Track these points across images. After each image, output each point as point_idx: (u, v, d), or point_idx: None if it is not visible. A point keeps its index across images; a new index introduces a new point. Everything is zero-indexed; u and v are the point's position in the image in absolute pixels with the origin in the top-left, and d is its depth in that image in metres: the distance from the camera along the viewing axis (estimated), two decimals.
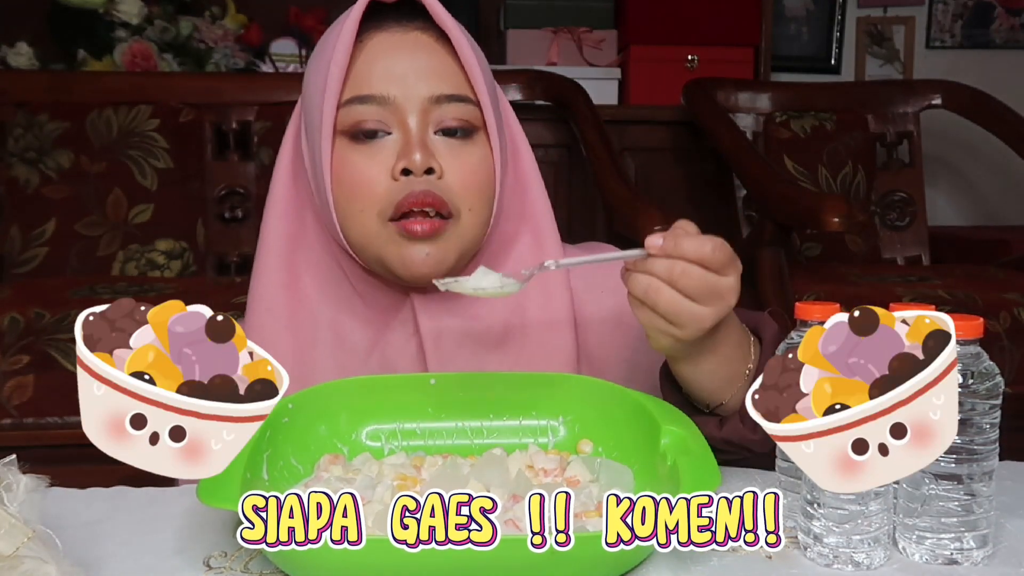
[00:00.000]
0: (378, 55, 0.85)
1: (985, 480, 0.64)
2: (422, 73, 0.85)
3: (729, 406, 0.82)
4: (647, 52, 2.78)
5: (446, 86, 0.85)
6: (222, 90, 2.51)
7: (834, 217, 1.87)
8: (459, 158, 0.86)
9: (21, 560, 0.55)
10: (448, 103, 0.85)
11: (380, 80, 0.85)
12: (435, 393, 0.82)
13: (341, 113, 0.85)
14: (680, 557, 0.66)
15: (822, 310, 0.69)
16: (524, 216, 0.94)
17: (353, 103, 0.85)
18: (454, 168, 0.85)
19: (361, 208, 0.85)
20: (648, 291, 0.73)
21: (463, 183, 0.85)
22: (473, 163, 0.86)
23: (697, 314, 0.73)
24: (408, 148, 0.84)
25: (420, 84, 0.85)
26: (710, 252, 0.72)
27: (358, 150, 0.85)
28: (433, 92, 0.85)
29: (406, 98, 0.85)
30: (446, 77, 0.86)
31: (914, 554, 0.65)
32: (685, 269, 0.72)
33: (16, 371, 1.77)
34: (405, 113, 0.85)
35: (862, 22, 3.28)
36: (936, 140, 3.08)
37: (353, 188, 0.85)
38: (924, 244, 2.70)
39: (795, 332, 0.71)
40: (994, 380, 0.63)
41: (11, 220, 2.28)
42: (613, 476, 0.74)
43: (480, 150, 0.87)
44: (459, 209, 0.85)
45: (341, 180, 0.85)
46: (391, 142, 0.85)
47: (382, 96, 0.85)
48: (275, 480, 0.74)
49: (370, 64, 0.85)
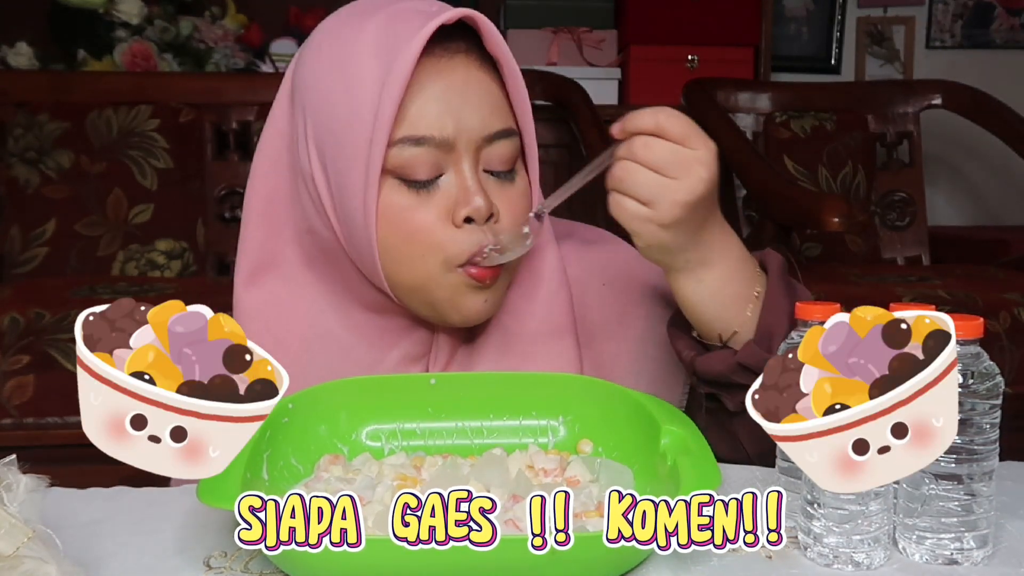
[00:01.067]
0: (427, 86, 0.78)
1: (985, 480, 0.64)
2: (475, 107, 0.80)
3: (741, 337, 0.79)
4: (647, 52, 2.78)
5: (497, 121, 0.81)
6: (222, 90, 2.51)
7: (834, 217, 1.88)
8: (508, 196, 0.83)
9: (21, 560, 0.55)
10: (498, 140, 0.81)
11: (436, 118, 0.79)
12: (435, 393, 0.82)
13: (391, 153, 0.78)
14: (680, 557, 0.66)
15: (822, 310, 0.69)
16: None
17: (406, 144, 0.78)
18: (506, 207, 0.82)
19: (421, 253, 0.81)
20: (615, 178, 0.73)
21: (514, 220, 0.83)
22: (519, 199, 0.84)
23: (668, 186, 0.72)
24: (467, 194, 0.80)
25: (474, 121, 0.80)
26: (664, 119, 0.71)
27: (411, 195, 0.80)
28: (487, 130, 0.81)
29: (461, 138, 0.80)
30: (496, 110, 0.82)
31: (914, 554, 0.65)
32: (645, 141, 0.71)
33: (16, 371, 1.77)
34: (460, 154, 0.80)
35: (862, 22, 3.28)
36: (936, 140, 3.08)
37: (411, 234, 0.80)
38: (924, 244, 2.70)
39: (795, 332, 0.71)
40: (994, 380, 0.63)
41: (11, 220, 2.28)
42: (613, 476, 0.74)
43: (522, 182, 0.85)
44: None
45: (393, 224, 0.80)
46: (445, 184, 0.81)
47: (440, 138, 0.79)
48: (275, 480, 0.74)
49: (421, 98, 0.78)
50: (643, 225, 0.74)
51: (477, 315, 0.83)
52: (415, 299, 0.84)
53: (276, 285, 0.89)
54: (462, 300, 0.82)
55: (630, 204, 0.73)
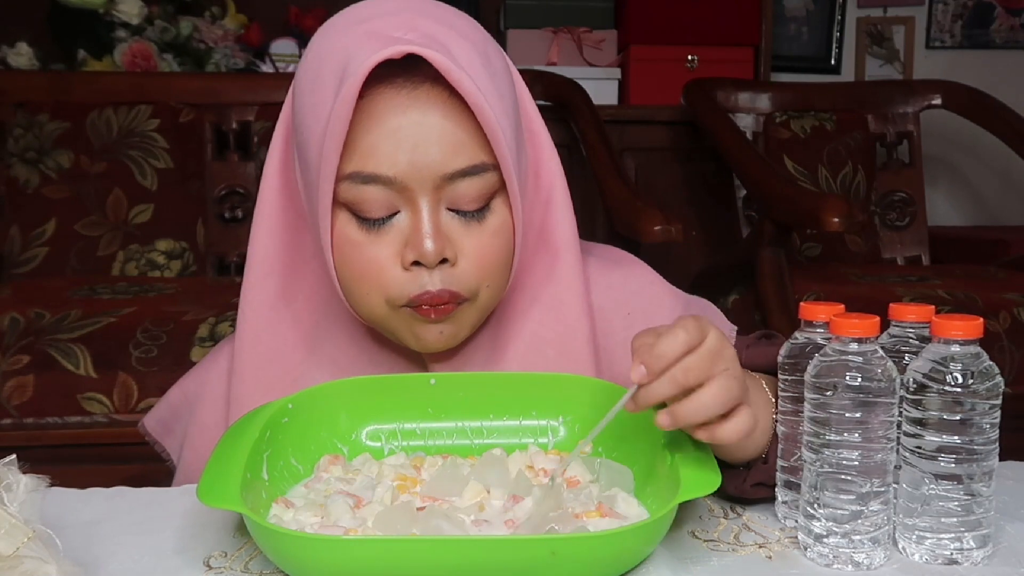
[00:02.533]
0: (384, 119, 0.74)
1: (985, 480, 0.64)
2: (434, 143, 0.74)
3: (759, 456, 0.75)
4: (647, 52, 2.78)
5: (462, 159, 0.75)
6: (222, 90, 2.51)
7: (834, 217, 1.87)
8: (474, 237, 0.78)
9: (21, 560, 0.55)
10: (463, 179, 0.76)
11: (387, 155, 0.74)
12: (435, 393, 0.82)
13: (342, 187, 0.76)
14: (680, 557, 0.66)
15: (826, 310, 0.69)
16: (543, 236, 0.87)
17: (355, 180, 0.75)
18: (469, 250, 0.78)
19: (367, 291, 0.79)
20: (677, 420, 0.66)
21: (479, 265, 0.79)
22: (488, 239, 0.79)
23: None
24: (418, 236, 0.76)
25: (433, 158, 0.74)
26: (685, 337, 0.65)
27: (362, 231, 0.77)
28: (447, 169, 0.75)
29: (416, 177, 0.75)
30: (461, 146, 0.75)
31: (914, 554, 0.65)
32: (683, 367, 0.65)
33: (16, 371, 1.77)
34: (415, 192, 0.76)
35: (862, 22, 3.28)
36: (936, 140, 3.08)
37: (359, 271, 0.78)
38: (924, 244, 2.70)
39: (799, 332, 0.71)
40: (994, 380, 0.63)
41: (11, 220, 2.28)
42: (613, 476, 0.74)
43: (498, 218, 0.79)
44: (476, 291, 0.79)
45: (345, 258, 0.78)
46: (399, 222, 0.77)
47: (388, 177, 0.75)
48: (275, 480, 0.74)
49: (374, 132, 0.74)
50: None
51: (435, 345, 0.81)
52: (378, 327, 0.83)
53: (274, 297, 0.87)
54: (417, 330, 0.80)
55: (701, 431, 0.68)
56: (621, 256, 0.96)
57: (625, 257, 0.96)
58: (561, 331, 0.87)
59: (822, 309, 0.69)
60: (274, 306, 0.86)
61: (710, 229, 2.72)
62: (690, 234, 2.26)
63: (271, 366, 0.87)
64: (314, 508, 0.69)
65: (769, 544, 0.68)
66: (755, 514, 0.74)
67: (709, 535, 0.70)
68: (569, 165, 2.65)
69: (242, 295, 0.87)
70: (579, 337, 0.87)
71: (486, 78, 0.76)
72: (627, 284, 0.92)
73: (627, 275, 0.93)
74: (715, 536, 0.70)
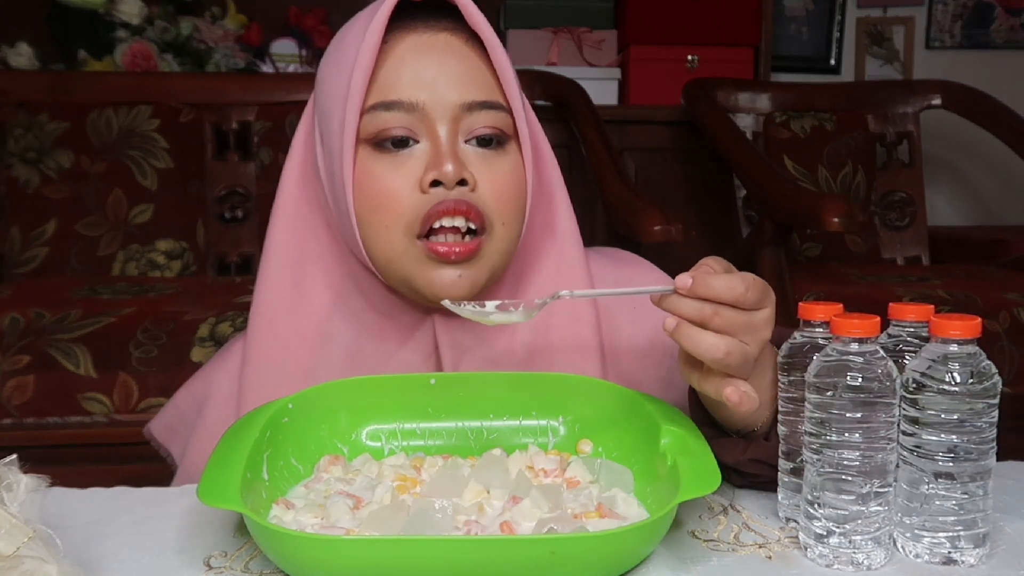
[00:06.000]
0: (405, 58, 0.80)
1: (983, 480, 0.64)
2: (452, 78, 0.80)
3: (759, 432, 0.77)
4: (647, 52, 2.78)
5: (478, 92, 0.81)
6: (222, 90, 2.51)
7: (834, 217, 1.87)
8: (492, 168, 0.81)
9: (21, 560, 0.55)
10: (480, 110, 0.80)
11: (408, 85, 0.79)
12: (435, 393, 0.82)
13: (364, 120, 0.79)
14: (680, 557, 0.66)
15: (825, 310, 0.69)
16: (549, 227, 0.90)
17: (378, 109, 0.79)
18: (487, 179, 0.81)
19: (386, 223, 0.80)
20: (678, 334, 0.69)
21: (497, 194, 0.81)
22: (506, 173, 0.82)
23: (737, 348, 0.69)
24: (438, 158, 0.79)
25: (451, 90, 0.80)
26: (743, 292, 0.67)
27: (383, 160, 0.80)
28: (465, 99, 0.80)
29: (435, 105, 0.80)
30: (478, 83, 0.81)
31: (912, 553, 0.65)
32: (716, 309, 0.67)
33: (16, 371, 1.77)
34: (434, 121, 0.80)
35: (862, 22, 3.28)
36: (936, 140, 3.08)
37: (378, 201, 0.80)
38: (924, 244, 2.70)
39: (798, 332, 0.71)
40: (992, 380, 0.63)
41: (11, 220, 2.28)
42: (613, 477, 0.74)
43: (512, 159, 0.83)
44: (492, 222, 0.81)
45: (364, 192, 0.80)
46: (419, 151, 0.80)
47: (410, 102, 0.79)
48: (275, 480, 0.74)
49: (397, 68, 0.80)
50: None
51: (449, 290, 0.80)
52: (392, 275, 0.83)
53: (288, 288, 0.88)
54: (431, 274, 0.80)
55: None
56: (626, 255, 0.97)
57: (629, 256, 0.97)
58: (569, 319, 0.88)
59: (821, 309, 0.69)
60: (288, 299, 0.87)
61: (710, 229, 2.72)
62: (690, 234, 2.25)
63: (283, 357, 0.87)
64: (314, 509, 0.69)
65: (769, 544, 0.68)
66: (755, 514, 0.74)
67: (709, 535, 0.70)
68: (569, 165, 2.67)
69: (256, 288, 0.89)
70: (586, 326, 0.88)
71: (497, 42, 0.82)
72: (633, 280, 0.92)
73: (633, 272, 0.95)
74: (715, 536, 0.70)
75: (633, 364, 0.91)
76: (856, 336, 0.63)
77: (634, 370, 0.90)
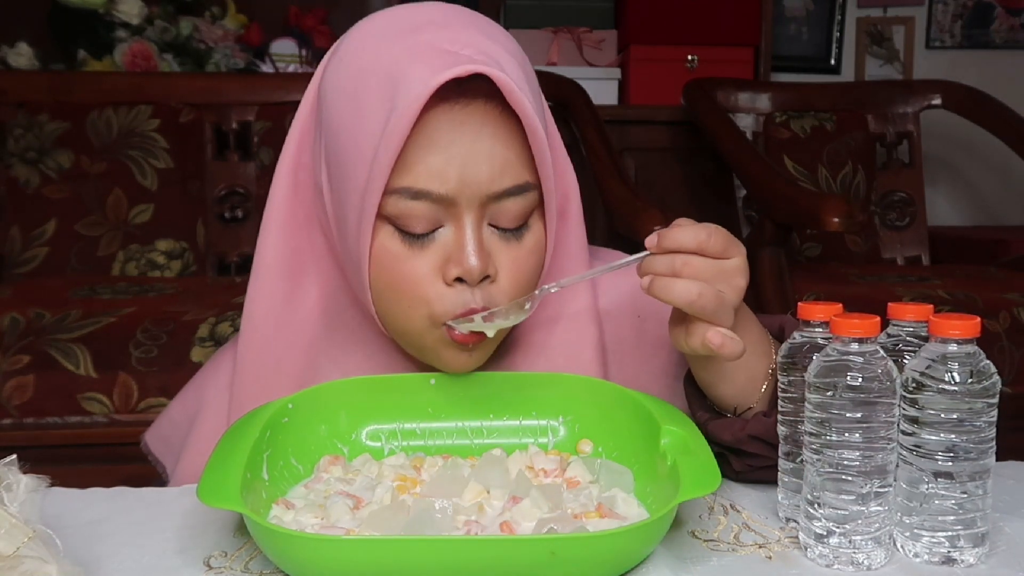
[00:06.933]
0: (437, 136, 0.73)
1: (982, 479, 0.64)
2: (484, 161, 0.74)
3: (755, 410, 0.79)
4: (647, 52, 2.78)
5: (508, 178, 0.75)
6: (222, 90, 2.51)
7: (834, 217, 1.87)
8: (512, 254, 0.78)
9: (21, 560, 0.55)
10: (508, 198, 0.76)
11: (439, 172, 0.73)
12: (435, 393, 0.82)
13: (389, 200, 0.74)
14: (680, 557, 0.66)
15: (824, 310, 0.69)
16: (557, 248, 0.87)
17: (403, 195, 0.74)
18: (507, 266, 0.78)
19: (406, 305, 0.78)
20: (653, 288, 0.73)
21: (515, 282, 0.79)
22: (527, 253, 0.79)
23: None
24: (463, 253, 0.75)
25: (481, 176, 0.74)
26: (706, 238, 0.72)
27: (404, 245, 0.76)
28: (495, 188, 0.75)
29: (464, 194, 0.74)
30: (509, 165, 0.75)
31: (911, 552, 0.65)
32: (686, 259, 0.72)
33: (16, 371, 1.77)
34: (461, 210, 0.75)
35: (862, 22, 3.28)
36: (936, 140, 3.08)
37: (397, 285, 0.77)
38: (924, 244, 2.70)
39: (798, 332, 0.71)
40: (991, 379, 0.63)
41: (11, 220, 2.28)
42: (613, 477, 0.74)
43: (534, 236, 0.80)
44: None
45: (383, 270, 0.77)
46: (442, 237, 0.76)
47: (439, 194, 0.74)
48: (275, 480, 0.74)
49: (426, 148, 0.73)
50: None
51: (460, 368, 0.82)
52: (405, 342, 0.83)
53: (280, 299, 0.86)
54: (445, 354, 0.80)
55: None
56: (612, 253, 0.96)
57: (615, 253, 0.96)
58: (570, 339, 0.88)
59: (820, 309, 0.69)
60: (280, 313, 0.85)
61: None
62: None
63: (275, 372, 0.86)
64: (314, 509, 0.69)
65: (769, 544, 0.68)
66: (755, 514, 0.74)
67: (709, 535, 0.70)
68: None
69: (248, 299, 0.86)
70: (588, 346, 0.88)
71: (532, 98, 0.76)
72: (636, 288, 0.92)
73: (636, 281, 0.93)
74: (715, 536, 0.70)
75: (634, 370, 0.90)
76: (856, 336, 0.63)
77: (635, 377, 0.89)
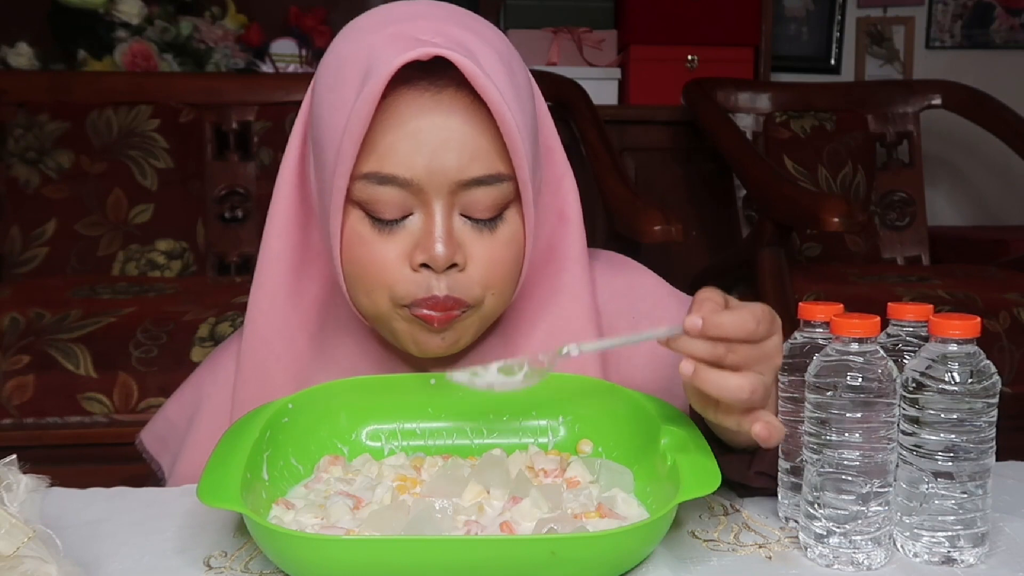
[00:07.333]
0: (404, 121, 0.74)
1: (982, 479, 0.64)
2: (453, 148, 0.74)
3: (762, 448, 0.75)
4: (647, 52, 2.78)
5: (479, 166, 0.75)
6: (222, 90, 2.51)
7: (834, 217, 1.88)
8: (485, 245, 0.78)
9: (21, 560, 0.55)
10: (479, 187, 0.75)
11: (405, 157, 0.74)
12: (435, 393, 0.82)
13: (357, 184, 0.75)
14: (680, 557, 0.66)
15: (824, 310, 0.69)
16: (553, 252, 0.87)
17: (371, 180, 0.75)
18: (478, 256, 0.78)
19: (372, 289, 0.78)
20: (698, 379, 0.66)
21: (488, 272, 0.78)
22: (501, 245, 0.78)
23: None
24: (430, 239, 0.75)
25: (450, 163, 0.74)
26: (754, 329, 0.65)
27: (373, 230, 0.77)
28: (464, 175, 0.75)
29: (432, 180, 0.74)
30: (480, 154, 0.75)
31: (911, 552, 0.65)
32: (730, 347, 0.65)
33: (16, 371, 1.77)
34: (430, 196, 0.75)
35: (862, 22, 3.28)
36: (936, 140, 3.08)
37: (365, 268, 0.78)
38: (924, 244, 2.70)
39: (798, 332, 0.71)
40: (991, 379, 0.63)
41: (11, 220, 2.28)
42: (613, 477, 0.74)
43: (510, 228, 0.79)
44: (480, 298, 0.79)
45: (352, 254, 0.78)
46: (411, 224, 0.77)
47: (405, 179, 0.74)
48: (275, 480, 0.74)
49: (394, 133, 0.74)
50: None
51: (435, 351, 0.81)
52: (379, 326, 0.83)
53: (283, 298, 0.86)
54: (417, 335, 0.80)
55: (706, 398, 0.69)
56: (625, 262, 0.96)
57: (628, 263, 0.96)
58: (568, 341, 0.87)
59: (821, 309, 0.69)
60: (283, 309, 0.86)
61: (710, 229, 2.72)
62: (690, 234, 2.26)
63: (277, 368, 0.86)
64: (314, 509, 0.69)
65: (769, 544, 0.68)
66: (755, 514, 0.74)
67: (709, 535, 0.70)
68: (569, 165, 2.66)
69: (251, 296, 0.87)
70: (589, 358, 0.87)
71: (510, 89, 0.75)
72: (632, 289, 0.92)
73: (631, 280, 0.94)
74: (715, 536, 0.70)
75: (632, 371, 0.89)
76: (856, 336, 0.63)
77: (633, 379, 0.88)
